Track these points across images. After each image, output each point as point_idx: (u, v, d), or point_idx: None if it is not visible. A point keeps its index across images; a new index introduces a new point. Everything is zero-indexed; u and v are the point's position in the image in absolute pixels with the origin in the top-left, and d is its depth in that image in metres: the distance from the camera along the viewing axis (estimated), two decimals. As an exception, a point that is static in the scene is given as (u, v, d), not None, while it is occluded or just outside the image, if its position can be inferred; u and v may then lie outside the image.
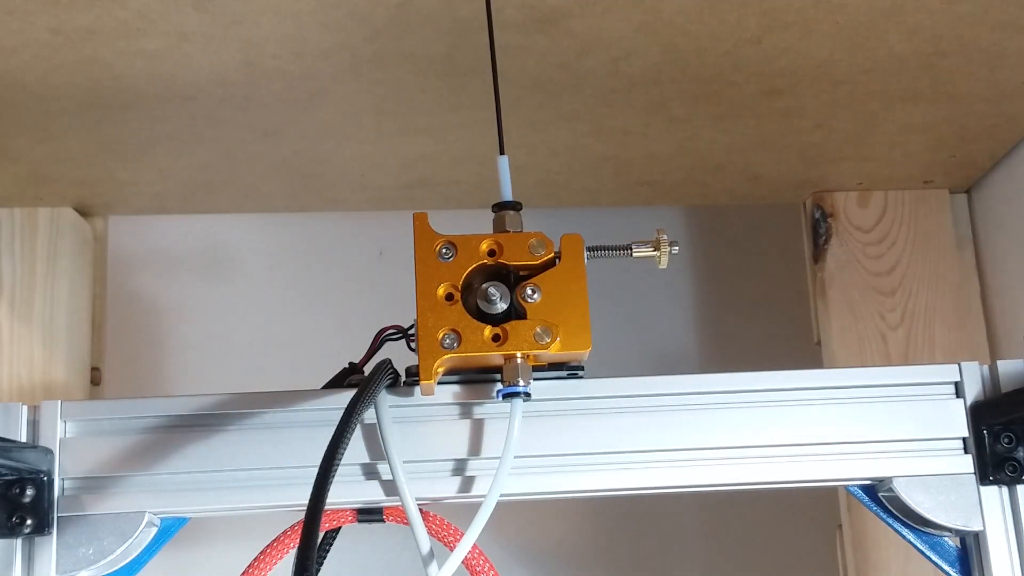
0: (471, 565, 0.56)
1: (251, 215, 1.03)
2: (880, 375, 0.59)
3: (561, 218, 1.02)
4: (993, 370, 0.59)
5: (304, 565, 0.42)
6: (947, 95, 0.81)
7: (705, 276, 1.08)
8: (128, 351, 1.01)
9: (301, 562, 0.42)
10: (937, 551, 0.59)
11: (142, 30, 0.67)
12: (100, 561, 0.54)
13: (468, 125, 0.84)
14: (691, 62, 0.75)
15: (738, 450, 0.57)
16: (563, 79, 0.77)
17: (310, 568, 0.42)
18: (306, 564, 0.42)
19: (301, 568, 0.42)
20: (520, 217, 0.55)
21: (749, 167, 0.95)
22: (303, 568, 0.42)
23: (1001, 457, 0.57)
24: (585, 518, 1.03)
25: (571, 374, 0.57)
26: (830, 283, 0.98)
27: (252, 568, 0.56)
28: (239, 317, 1.03)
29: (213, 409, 0.57)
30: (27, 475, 0.54)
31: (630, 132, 0.87)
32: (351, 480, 0.56)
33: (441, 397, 0.57)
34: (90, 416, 0.56)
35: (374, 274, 1.04)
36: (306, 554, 0.42)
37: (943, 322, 0.97)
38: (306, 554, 0.42)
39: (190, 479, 0.56)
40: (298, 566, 0.43)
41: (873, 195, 1.00)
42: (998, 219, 0.97)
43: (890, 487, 0.57)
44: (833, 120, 0.85)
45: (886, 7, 0.68)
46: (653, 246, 0.56)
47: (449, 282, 0.53)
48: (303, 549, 0.43)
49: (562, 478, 0.57)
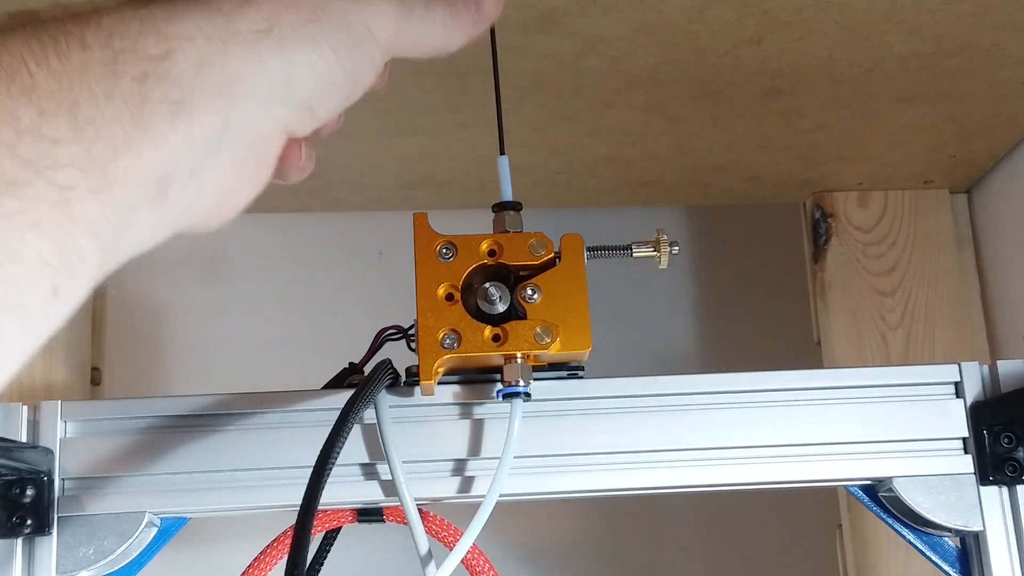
0: (470, 565, 0.56)
1: (251, 215, 1.02)
2: (880, 375, 0.59)
3: (561, 218, 1.02)
4: (993, 370, 0.59)
5: (295, 564, 0.42)
6: (947, 95, 0.81)
7: (705, 276, 1.08)
8: (128, 351, 1.01)
9: (292, 560, 0.42)
10: (937, 551, 0.59)
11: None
12: (100, 561, 0.54)
13: (468, 125, 0.84)
14: (691, 62, 0.75)
15: (738, 450, 0.57)
16: (563, 79, 0.77)
17: (301, 568, 0.42)
18: (297, 563, 0.42)
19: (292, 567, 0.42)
20: (520, 217, 0.55)
21: (749, 167, 0.95)
22: (294, 567, 0.42)
23: (1001, 457, 0.57)
24: (585, 518, 1.03)
25: (571, 374, 0.57)
26: (830, 283, 0.98)
27: (252, 568, 0.56)
28: (239, 317, 1.03)
29: (213, 409, 0.57)
30: (27, 475, 0.54)
31: (630, 132, 0.87)
32: (351, 480, 0.56)
33: (441, 397, 0.57)
34: (90, 416, 0.56)
35: (374, 274, 1.04)
36: (298, 553, 0.42)
37: (943, 322, 0.97)
38: (298, 553, 0.42)
39: (190, 479, 0.56)
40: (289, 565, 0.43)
41: (873, 195, 1.00)
42: (998, 219, 0.97)
43: (890, 487, 0.57)
44: (833, 120, 0.85)
45: (886, 7, 0.68)
46: (653, 246, 0.56)
47: (449, 282, 0.53)
48: (295, 548, 0.43)
49: (562, 478, 0.57)
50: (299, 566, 0.42)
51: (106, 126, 0.29)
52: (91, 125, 0.29)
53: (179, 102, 0.31)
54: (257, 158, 0.36)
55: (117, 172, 0.30)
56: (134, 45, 0.31)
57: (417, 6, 0.40)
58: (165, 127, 0.31)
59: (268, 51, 0.34)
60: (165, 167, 0.31)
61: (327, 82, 0.36)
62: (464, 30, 0.42)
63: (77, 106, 0.29)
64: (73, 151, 0.29)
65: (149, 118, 0.30)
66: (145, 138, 0.30)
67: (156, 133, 0.31)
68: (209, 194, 0.34)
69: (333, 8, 0.36)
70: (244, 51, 0.33)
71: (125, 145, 0.30)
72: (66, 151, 0.29)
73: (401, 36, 0.39)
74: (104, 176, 0.29)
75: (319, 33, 0.35)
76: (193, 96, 0.31)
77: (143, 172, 0.31)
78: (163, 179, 0.31)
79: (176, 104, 0.31)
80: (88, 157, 0.29)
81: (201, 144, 0.32)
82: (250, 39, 0.33)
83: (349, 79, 0.37)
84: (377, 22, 0.37)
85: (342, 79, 0.37)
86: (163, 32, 0.31)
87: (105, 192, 0.30)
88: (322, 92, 0.36)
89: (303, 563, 0.42)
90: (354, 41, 0.37)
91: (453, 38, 0.42)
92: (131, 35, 0.31)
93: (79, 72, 0.29)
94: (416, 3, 0.40)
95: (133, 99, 0.30)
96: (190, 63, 0.32)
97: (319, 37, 0.35)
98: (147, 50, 0.31)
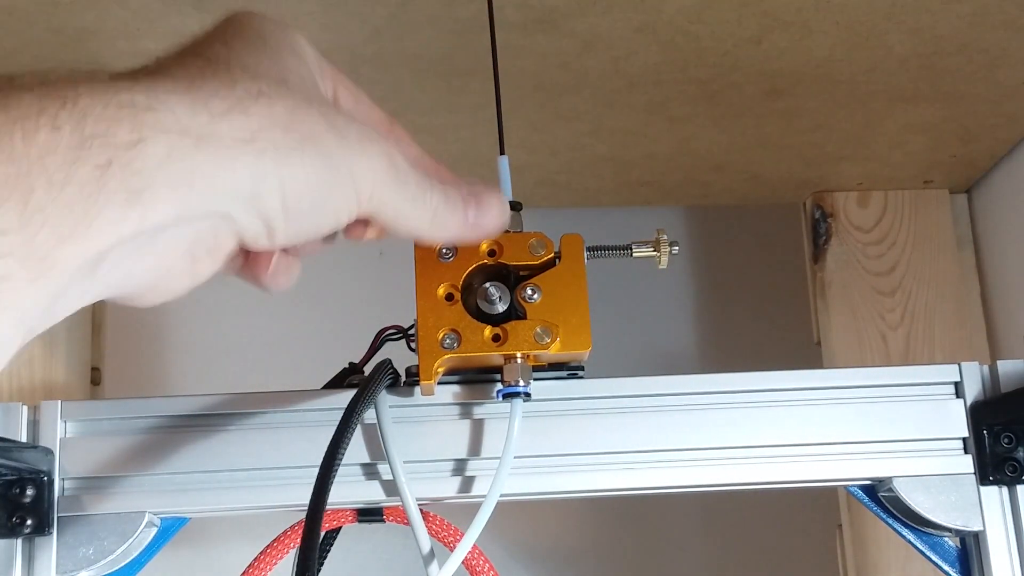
0: (471, 565, 0.56)
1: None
2: (880, 375, 0.59)
3: (561, 218, 1.02)
4: (993, 370, 0.59)
5: (306, 565, 0.42)
6: (947, 95, 0.81)
7: (705, 276, 1.08)
8: (128, 351, 1.01)
9: (303, 562, 0.43)
10: (937, 551, 0.59)
11: (142, 30, 0.67)
12: (100, 561, 0.54)
13: (468, 125, 0.84)
14: (691, 62, 0.75)
15: (738, 450, 0.57)
16: (563, 79, 0.77)
17: (312, 568, 0.42)
18: (308, 564, 0.42)
19: (303, 568, 0.42)
20: (520, 217, 0.55)
21: (749, 167, 0.95)
22: (305, 568, 0.42)
23: (1001, 457, 0.57)
24: (585, 518, 1.03)
25: (571, 374, 0.57)
26: (830, 283, 0.98)
27: (252, 568, 0.56)
28: (239, 317, 1.03)
29: (213, 409, 0.57)
30: (27, 475, 0.54)
31: (630, 132, 0.87)
32: (351, 480, 0.56)
33: (441, 397, 0.57)
34: (90, 416, 0.56)
35: (374, 274, 1.04)
36: (308, 555, 0.42)
37: (943, 322, 0.97)
38: (308, 555, 0.42)
39: (190, 479, 0.56)
40: (300, 566, 0.43)
41: (873, 195, 1.00)
42: (998, 219, 0.97)
43: (890, 487, 0.57)
44: (833, 120, 0.85)
45: (886, 7, 0.68)
46: (653, 246, 0.56)
47: (449, 282, 0.53)
48: (304, 550, 0.43)
49: (562, 478, 0.57)
50: (309, 568, 0.42)
51: (55, 214, 0.28)
52: (40, 213, 0.28)
53: (136, 192, 0.30)
54: (203, 251, 0.34)
55: (57, 259, 0.29)
56: (107, 131, 0.29)
57: (413, 183, 0.38)
58: (116, 216, 0.29)
59: (242, 158, 0.32)
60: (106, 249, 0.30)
61: (292, 209, 0.34)
62: (453, 230, 0.41)
63: (31, 192, 0.28)
64: (16, 241, 0.27)
65: (103, 207, 0.29)
66: (93, 226, 0.29)
67: (105, 221, 0.29)
68: (142, 273, 0.33)
69: (324, 143, 0.35)
70: (217, 152, 0.32)
71: (71, 234, 0.29)
72: (8, 241, 0.27)
73: (384, 201, 0.37)
74: (42, 264, 0.28)
75: (300, 161, 0.34)
76: (152, 187, 0.30)
77: (83, 257, 0.29)
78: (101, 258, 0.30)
79: (133, 194, 0.30)
80: (30, 247, 0.28)
81: (148, 231, 0.31)
82: (228, 143, 0.32)
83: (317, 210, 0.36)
84: (364, 175, 0.36)
85: (308, 211, 0.35)
86: (139, 121, 0.30)
87: (41, 279, 0.28)
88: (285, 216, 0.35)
89: (314, 565, 0.43)
90: (333, 181, 0.35)
91: (437, 232, 0.40)
92: (106, 119, 0.29)
93: (41, 156, 0.28)
94: (413, 180, 0.38)
95: (90, 187, 0.29)
96: (158, 154, 0.30)
97: (298, 165, 0.34)
98: (118, 137, 0.29)
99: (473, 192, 0.42)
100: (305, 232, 0.36)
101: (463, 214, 0.41)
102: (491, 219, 0.42)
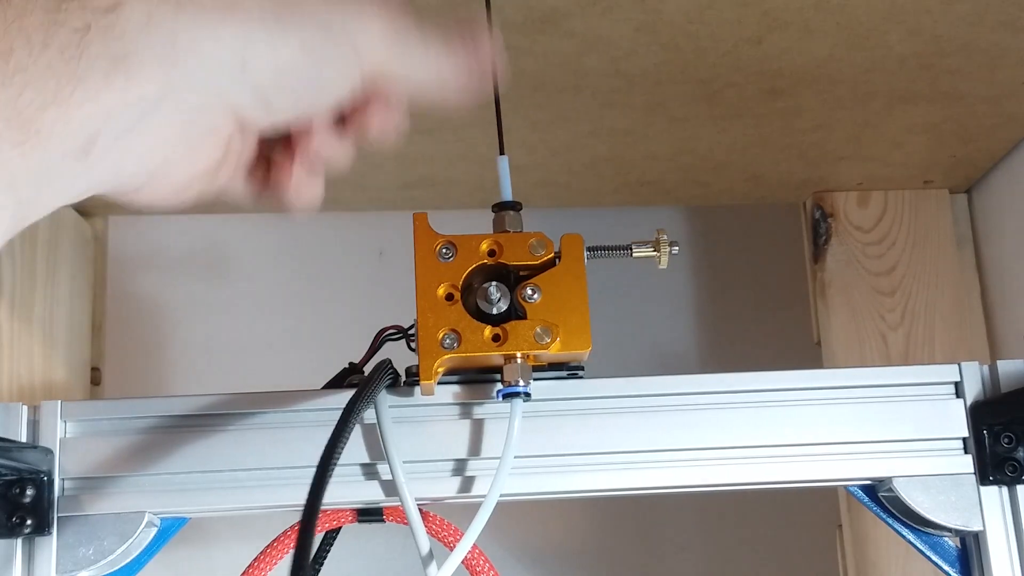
0: (471, 565, 0.56)
1: (251, 215, 1.03)
2: (880, 375, 0.59)
3: (561, 218, 1.02)
4: (993, 370, 0.59)
5: (300, 565, 0.42)
6: (947, 95, 0.81)
7: (705, 276, 1.08)
8: (128, 351, 1.01)
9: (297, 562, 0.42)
10: (937, 551, 0.59)
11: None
12: (100, 561, 0.54)
13: (467, 125, 0.84)
14: (691, 62, 0.75)
15: (738, 450, 0.57)
16: (563, 79, 0.77)
17: (305, 569, 0.42)
18: (301, 564, 0.42)
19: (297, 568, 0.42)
20: (520, 217, 0.55)
21: (749, 167, 0.95)
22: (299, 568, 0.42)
23: (1001, 457, 0.57)
24: (585, 518, 1.03)
25: (571, 374, 0.57)
26: (830, 283, 0.98)
27: (252, 568, 0.56)
28: (239, 317, 1.03)
29: (213, 409, 0.57)
30: (27, 475, 0.54)
31: (630, 132, 0.87)
32: (351, 480, 0.56)
33: (441, 397, 0.57)
34: (90, 416, 0.56)
35: (374, 274, 1.04)
36: (302, 554, 0.42)
37: (943, 322, 0.97)
38: (302, 554, 0.42)
39: (190, 479, 0.56)
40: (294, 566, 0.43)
41: (873, 195, 1.00)
42: (998, 219, 0.97)
43: (890, 487, 0.57)
44: (833, 120, 0.85)
45: (886, 7, 0.68)
46: (653, 246, 0.56)
47: (449, 282, 0.53)
48: (299, 548, 0.43)
49: (562, 478, 0.57)
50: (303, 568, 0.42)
51: (38, 76, 0.28)
52: (22, 73, 0.28)
53: (118, 58, 0.29)
54: (197, 134, 0.33)
55: (42, 124, 0.28)
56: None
57: (413, 31, 0.37)
58: (99, 83, 0.29)
59: (225, 24, 0.31)
60: (94, 124, 0.30)
61: (289, 75, 0.33)
62: (459, 67, 0.40)
63: (11, 53, 0.28)
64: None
65: (85, 71, 0.29)
66: (76, 92, 0.29)
67: (89, 88, 0.29)
68: (136, 159, 0.32)
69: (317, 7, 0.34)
70: (199, 18, 0.31)
71: (54, 98, 0.28)
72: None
73: (389, 55, 0.36)
74: (27, 128, 0.28)
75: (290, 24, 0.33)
76: (134, 54, 0.30)
77: (69, 126, 0.29)
78: (90, 136, 0.30)
79: (115, 60, 0.29)
80: (14, 108, 0.28)
81: (135, 105, 0.30)
82: (209, 7, 0.31)
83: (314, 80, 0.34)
84: (361, 32, 0.35)
85: (306, 76, 0.34)
86: None
87: (26, 144, 0.28)
88: (281, 84, 0.33)
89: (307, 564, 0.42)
90: (329, 42, 0.34)
91: (445, 73, 0.40)
92: None
93: (18, 16, 0.28)
94: (412, 28, 0.37)
95: (70, 50, 0.28)
96: (138, 19, 0.30)
97: (289, 27, 0.33)
98: (94, 1, 0.29)
99: (458, 29, 0.41)
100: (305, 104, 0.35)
101: (462, 50, 0.40)
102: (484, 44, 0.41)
